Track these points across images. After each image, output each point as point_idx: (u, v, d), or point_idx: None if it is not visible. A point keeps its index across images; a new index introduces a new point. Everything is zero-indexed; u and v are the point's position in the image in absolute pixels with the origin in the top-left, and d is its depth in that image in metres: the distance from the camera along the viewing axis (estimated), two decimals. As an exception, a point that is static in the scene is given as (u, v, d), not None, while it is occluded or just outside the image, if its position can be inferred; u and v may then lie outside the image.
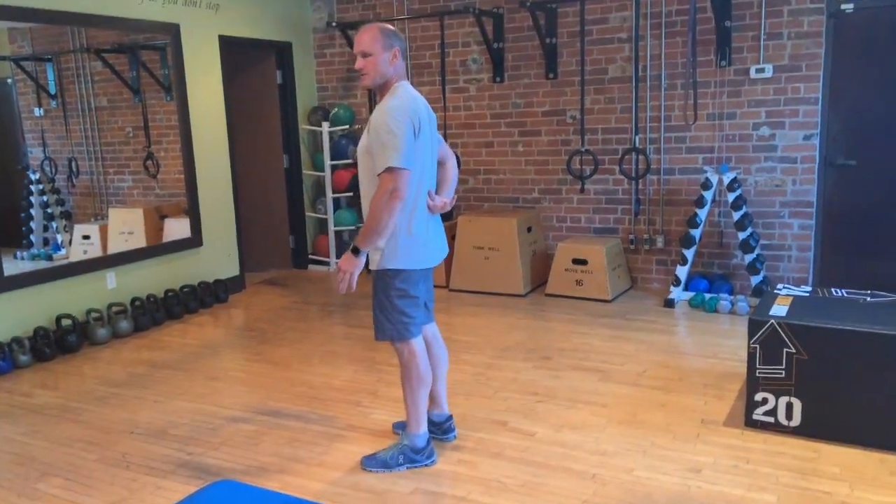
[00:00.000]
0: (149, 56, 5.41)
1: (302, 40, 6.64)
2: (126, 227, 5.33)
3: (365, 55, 2.73)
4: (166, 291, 5.33)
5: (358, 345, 4.56)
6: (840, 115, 4.92)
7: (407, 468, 2.92)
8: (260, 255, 6.72)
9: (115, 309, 4.93)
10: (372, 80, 2.76)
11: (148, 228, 5.40)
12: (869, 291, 3.50)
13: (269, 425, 3.40)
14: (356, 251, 2.72)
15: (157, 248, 5.37)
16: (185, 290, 5.47)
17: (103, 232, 5.17)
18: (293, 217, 6.74)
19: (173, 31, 5.35)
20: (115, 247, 5.16)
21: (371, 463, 2.94)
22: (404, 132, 2.63)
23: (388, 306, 2.85)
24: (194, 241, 5.63)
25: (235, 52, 6.13)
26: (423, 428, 2.95)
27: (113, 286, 5.04)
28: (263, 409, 3.61)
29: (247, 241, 6.37)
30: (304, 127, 6.66)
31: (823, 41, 4.85)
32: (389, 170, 2.63)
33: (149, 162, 5.44)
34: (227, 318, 5.34)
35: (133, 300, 5.08)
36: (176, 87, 5.42)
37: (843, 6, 4.79)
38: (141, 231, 5.37)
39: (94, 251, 5.07)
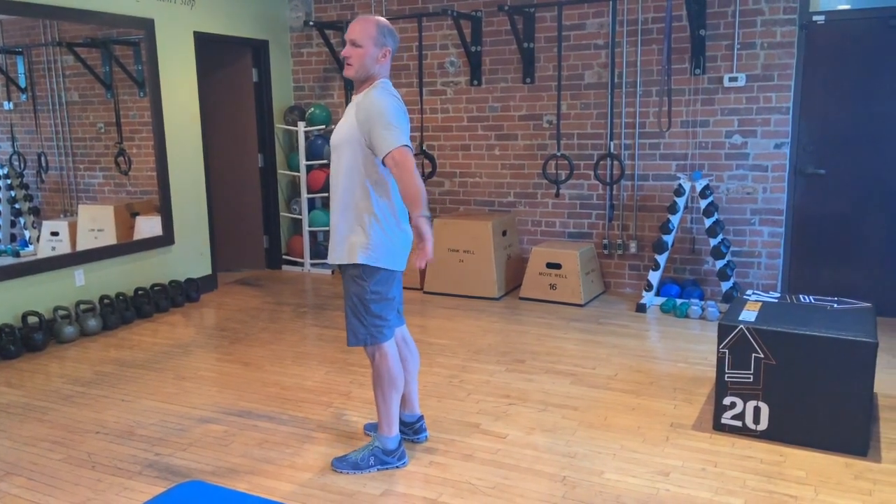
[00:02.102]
0: (122, 51, 5.33)
1: (279, 39, 6.60)
2: (96, 224, 5.24)
3: (354, 45, 2.70)
4: (136, 290, 5.26)
5: (331, 346, 4.53)
6: (810, 125, 5.01)
7: (378, 470, 2.90)
8: (233, 255, 6.66)
9: (83, 307, 4.85)
10: (355, 72, 2.73)
11: (118, 226, 5.32)
12: (836, 298, 3.56)
13: (240, 426, 3.37)
14: (427, 217, 2.64)
15: (127, 246, 5.30)
16: (156, 288, 5.40)
17: (72, 229, 5.08)
18: (267, 217, 6.69)
19: (147, 26, 5.28)
20: (84, 244, 5.08)
21: (341, 465, 2.92)
22: (403, 121, 2.71)
23: (363, 310, 2.80)
24: (166, 239, 5.56)
25: (211, 49, 6.07)
26: (395, 430, 2.94)
27: (81, 284, 4.96)
28: (234, 409, 3.57)
29: (220, 241, 6.31)
30: (279, 126, 6.62)
31: (795, 52, 4.93)
32: (405, 146, 2.63)
33: (120, 158, 5.36)
34: (198, 317, 5.28)
35: (102, 298, 5.00)
36: (149, 83, 5.35)
37: (815, 17, 4.88)
38: (111, 228, 5.29)
39: (63, 248, 4.98)
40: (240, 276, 6.52)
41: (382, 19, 2.77)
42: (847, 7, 4.86)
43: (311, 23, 6.21)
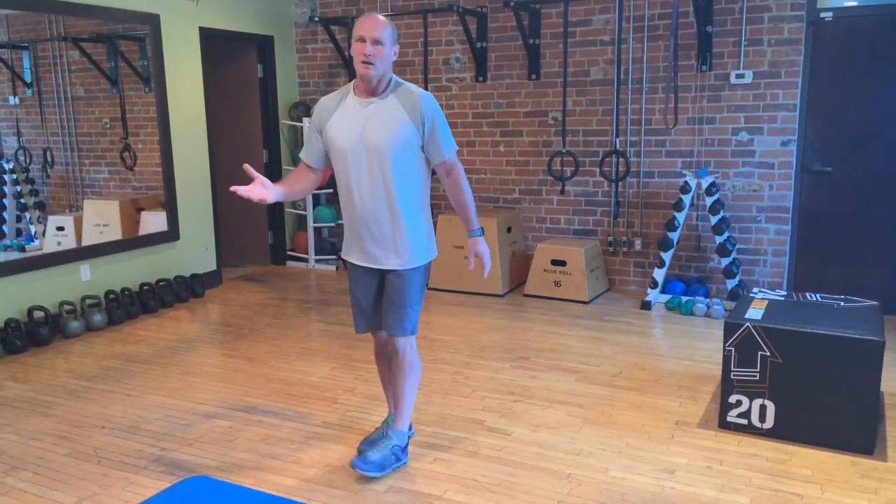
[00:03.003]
0: (127, 46, 5.33)
1: (284, 34, 6.59)
2: (101, 220, 5.25)
3: (377, 43, 2.60)
4: (141, 285, 5.26)
5: (335, 341, 4.53)
6: (817, 122, 4.99)
7: (394, 469, 2.89)
8: (238, 251, 6.67)
9: (88, 302, 4.86)
10: (377, 71, 2.62)
11: (124, 221, 5.33)
12: (842, 296, 3.55)
13: (245, 421, 3.37)
14: (483, 232, 2.83)
15: (132, 241, 5.30)
16: (161, 283, 5.41)
17: (78, 224, 5.08)
18: (272, 213, 6.69)
19: (153, 21, 5.28)
20: (89, 239, 5.08)
21: (368, 467, 2.80)
22: None
23: (419, 299, 2.85)
24: (171, 234, 5.57)
25: (216, 45, 6.07)
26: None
27: (87, 279, 4.96)
28: (239, 405, 3.57)
29: (225, 236, 6.31)
30: (284, 122, 6.62)
31: (802, 48, 4.91)
32: (456, 152, 2.76)
33: (126, 154, 5.36)
34: (203, 312, 5.29)
35: (107, 293, 5.01)
36: (155, 79, 5.35)
37: (823, 14, 4.85)
38: (116, 223, 5.30)
39: (68, 243, 4.99)
40: (244, 271, 6.53)
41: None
42: (855, 3, 4.84)
43: (317, 18, 6.20)
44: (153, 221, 5.48)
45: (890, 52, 4.70)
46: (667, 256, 5.19)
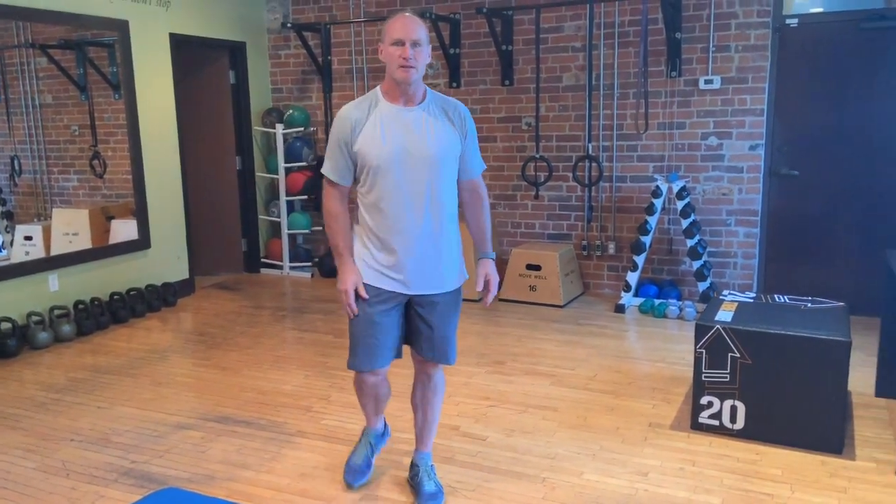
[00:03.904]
0: (96, 53, 5.27)
1: (256, 40, 6.56)
2: (70, 228, 5.17)
3: (416, 45, 2.39)
4: (112, 295, 5.19)
5: (310, 349, 4.51)
6: (784, 127, 5.07)
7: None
8: (211, 259, 6.60)
9: (57, 312, 4.78)
10: (416, 76, 2.41)
11: (93, 230, 5.25)
12: (810, 298, 3.61)
13: (217, 432, 3.34)
14: (493, 257, 2.67)
15: (102, 250, 5.23)
16: (132, 293, 5.33)
17: (46, 233, 5.00)
18: (246, 220, 6.64)
19: (122, 27, 5.22)
20: (58, 248, 5.00)
21: (439, 501, 2.67)
22: None
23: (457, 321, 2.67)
24: (142, 243, 5.50)
25: (187, 51, 6.02)
26: None
27: (56, 289, 4.88)
28: (211, 415, 3.53)
29: (197, 244, 6.25)
30: (257, 128, 6.58)
31: (769, 54, 4.99)
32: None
33: (95, 161, 5.29)
34: (175, 322, 5.23)
35: (77, 303, 4.93)
36: (124, 86, 5.29)
37: (788, 21, 4.94)
38: (86, 232, 5.22)
39: (37, 252, 4.90)
40: (218, 279, 6.47)
41: None
42: (820, 10, 4.93)
43: (289, 24, 6.17)
44: (124, 230, 5.41)
45: (853, 57, 4.81)
46: (640, 260, 5.24)
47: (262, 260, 6.71)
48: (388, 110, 2.44)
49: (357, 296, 2.48)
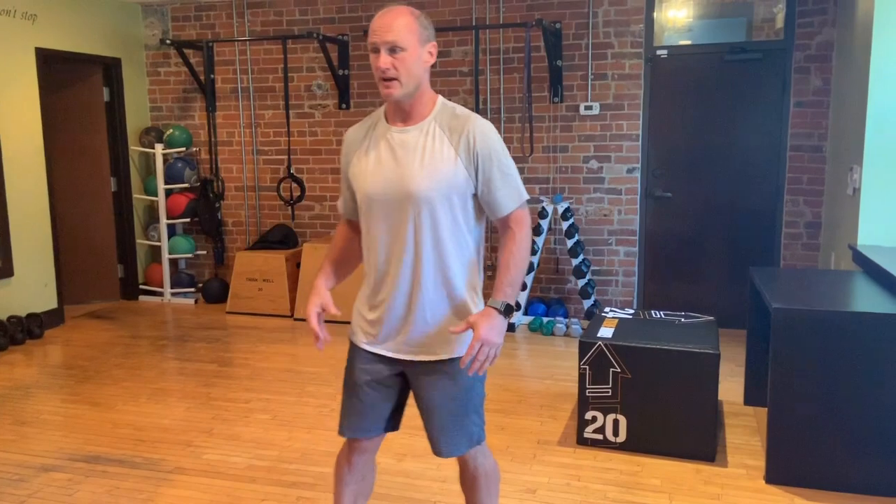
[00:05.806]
0: (-50, 65, 4.86)
1: (133, 56, 6.27)
2: (-82, 256, 4.71)
3: (395, 50, 1.84)
4: (-32, 327, 4.76)
5: (192, 380, 4.30)
6: (658, 151, 5.37)
7: None
8: (83, 286, 6.20)
9: None
10: (403, 89, 1.88)
11: (-54, 257, 4.81)
12: (683, 313, 3.81)
13: (86, 472, 3.10)
14: (510, 310, 1.97)
15: (-43, 279, 4.80)
16: (-8, 325, 4.91)
17: None
18: (122, 244, 6.28)
19: (-19, 39, 4.86)
20: None
21: None
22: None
23: (482, 398, 2.12)
24: (3, 270, 5.08)
25: (56, 67, 5.67)
26: None
27: None
28: (80, 454, 3.29)
29: (67, 271, 5.86)
30: (134, 148, 6.26)
31: (642, 83, 5.28)
32: (524, 203, 2.01)
33: (-52, 183, 4.86)
34: (41, 355, 4.85)
35: (-75, 338, 4.48)
36: (-17, 101, 4.91)
37: (659, 52, 5.25)
38: (-63, 260, 4.77)
39: None
40: (91, 308, 6.07)
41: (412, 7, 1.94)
42: (688, 42, 5.27)
43: (168, 41, 5.94)
44: (-18, 257, 4.99)
45: (718, 86, 5.16)
46: (528, 279, 5.36)
47: (141, 286, 6.37)
48: (383, 133, 1.98)
49: (351, 353, 2.10)
